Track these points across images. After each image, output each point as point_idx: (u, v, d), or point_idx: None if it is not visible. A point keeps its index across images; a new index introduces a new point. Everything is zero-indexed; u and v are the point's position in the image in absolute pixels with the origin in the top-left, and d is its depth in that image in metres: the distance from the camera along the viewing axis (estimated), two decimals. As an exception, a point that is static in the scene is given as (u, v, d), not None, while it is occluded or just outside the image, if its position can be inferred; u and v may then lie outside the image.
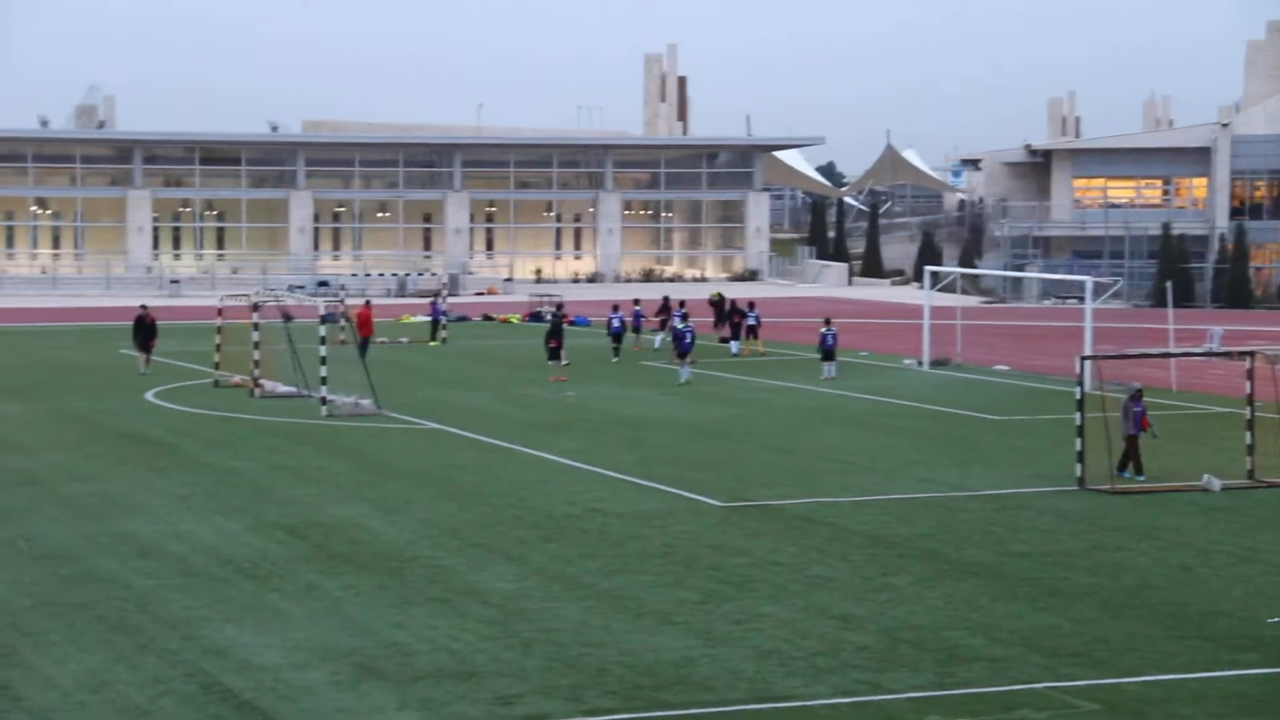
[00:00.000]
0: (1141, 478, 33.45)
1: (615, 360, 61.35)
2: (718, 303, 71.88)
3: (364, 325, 60.79)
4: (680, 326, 57.28)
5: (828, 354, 56.77)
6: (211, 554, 25.83)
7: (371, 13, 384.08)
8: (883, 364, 62.55)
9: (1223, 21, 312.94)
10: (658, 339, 66.96)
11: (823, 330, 57.63)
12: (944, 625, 21.18)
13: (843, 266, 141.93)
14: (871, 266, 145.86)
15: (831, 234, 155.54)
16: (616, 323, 62.95)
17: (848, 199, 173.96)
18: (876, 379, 56.18)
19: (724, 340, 67.63)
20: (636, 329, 65.90)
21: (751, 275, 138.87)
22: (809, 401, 48.99)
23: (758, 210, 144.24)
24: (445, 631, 20.74)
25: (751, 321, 66.87)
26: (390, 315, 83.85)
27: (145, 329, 57.69)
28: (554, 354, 54.77)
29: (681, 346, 55.52)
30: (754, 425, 43.04)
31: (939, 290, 76.07)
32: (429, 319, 74.83)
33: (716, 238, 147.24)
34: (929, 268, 71.27)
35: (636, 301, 68.99)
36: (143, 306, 60.39)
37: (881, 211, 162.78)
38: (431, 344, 70.82)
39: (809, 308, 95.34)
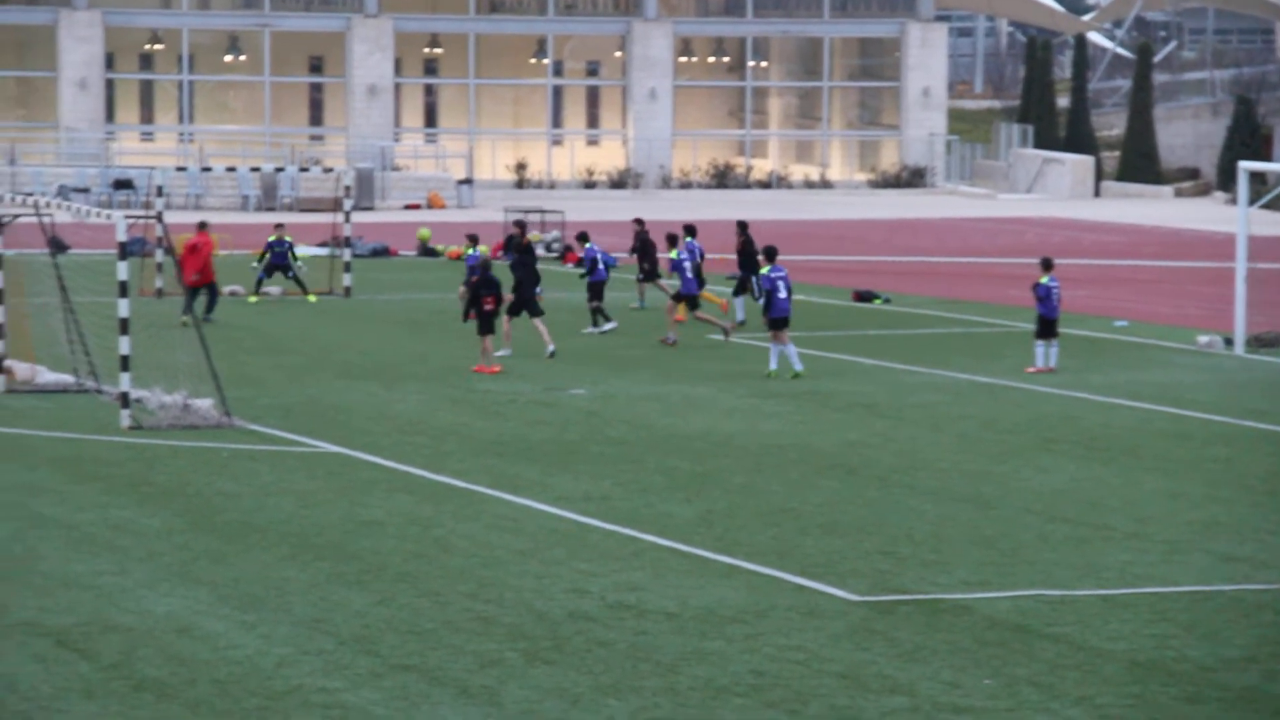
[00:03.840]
0: None
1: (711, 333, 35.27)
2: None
3: (197, 263, 39.18)
4: (757, 275, 34.05)
5: (1047, 325, 33.06)
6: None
7: None
8: (1157, 341, 37.31)
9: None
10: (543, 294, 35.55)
11: (1043, 282, 36.51)
12: None
13: (1084, 162, 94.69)
14: (1138, 162, 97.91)
15: (1064, 101, 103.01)
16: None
17: (1094, 36, 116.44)
18: (1145, 370, 33.41)
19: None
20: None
21: (914, 178, 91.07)
22: (1015, 411, 30.73)
23: (927, 57, 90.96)
24: None
25: None
26: (249, 244, 48.34)
27: None
28: (486, 323, 30.73)
29: (778, 309, 31.05)
30: (916, 453, 26.74)
31: (1265, 207, 46.20)
32: (322, 253, 48.87)
33: (849, 108, 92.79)
34: (1247, 165, 43.89)
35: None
36: None
37: (1158, 60, 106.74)
38: (311, 299, 46.22)
39: (1018, 239, 58.96)
